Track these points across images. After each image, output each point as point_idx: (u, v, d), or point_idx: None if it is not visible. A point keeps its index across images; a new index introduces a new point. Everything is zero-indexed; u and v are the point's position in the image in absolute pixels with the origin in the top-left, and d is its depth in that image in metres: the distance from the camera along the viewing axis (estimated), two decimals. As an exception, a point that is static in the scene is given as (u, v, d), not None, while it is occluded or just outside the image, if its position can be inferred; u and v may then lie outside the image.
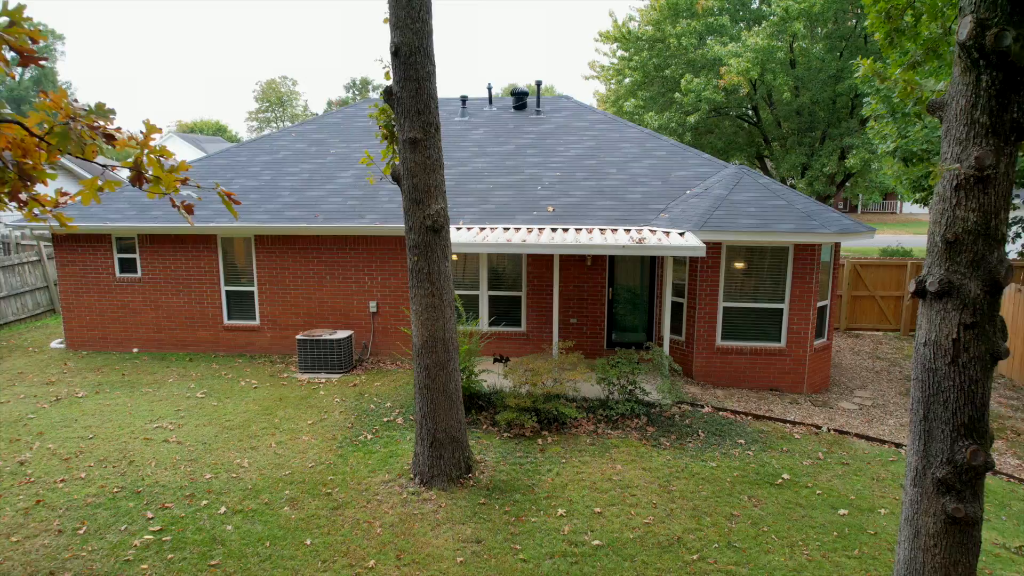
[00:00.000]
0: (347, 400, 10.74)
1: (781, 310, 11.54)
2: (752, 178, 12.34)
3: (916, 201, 13.30)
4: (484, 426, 9.59)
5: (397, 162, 7.62)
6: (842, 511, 7.42)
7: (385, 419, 9.90)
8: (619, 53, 27.24)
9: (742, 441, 9.27)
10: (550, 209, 12.38)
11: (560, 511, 7.25)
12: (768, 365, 11.64)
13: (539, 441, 9.08)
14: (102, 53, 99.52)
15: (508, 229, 11.32)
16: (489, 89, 16.74)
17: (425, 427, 7.77)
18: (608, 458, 8.60)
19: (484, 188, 13.33)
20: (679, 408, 10.25)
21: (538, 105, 16.33)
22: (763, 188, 12.02)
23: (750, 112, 26.69)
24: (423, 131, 7.15)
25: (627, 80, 27.21)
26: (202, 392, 11.10)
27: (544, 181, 13.41)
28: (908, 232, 39.11)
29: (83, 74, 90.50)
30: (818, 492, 7.87)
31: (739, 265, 11.50)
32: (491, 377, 10.84)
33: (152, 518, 7.02)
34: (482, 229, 11.39)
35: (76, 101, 4.29)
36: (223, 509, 7.23)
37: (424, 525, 6.94)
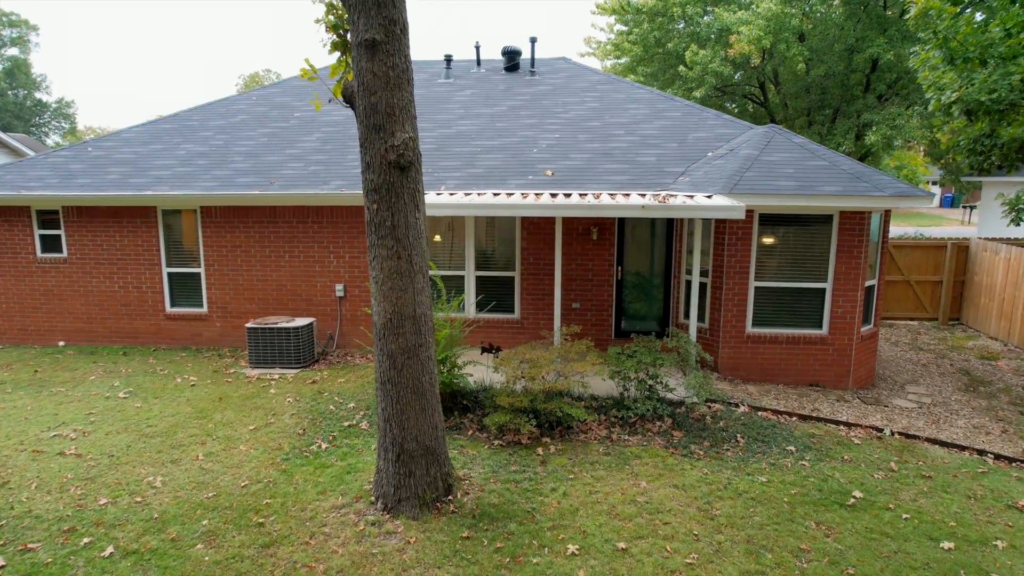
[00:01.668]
0: (302, 400, 8.79)
1: (823, 290, 9.71)
2: (785, 137, 10.51)
3: (972, 168, 11.59)
4: (469, 431, 7.67)
5: (351, 79, 5.71)
6: (945, 544, 5.57)
7: (346, 423, 7.96)
8: (617, 28, 25.40)
9: (792, 448, 7.41)
10: (548, 173, 10.49)
11: (571, 547, 5.35)
12: (807, 356, 9.80)
13: (539, 450, 7.19)
14: (83, 48, 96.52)
15: (499, 195, 9.42)
16: (477, 49, 14.84)
17: (389, 435, 5.85)
18: (628, 472, 6.71)
19: (470, 151, 11.42)
20: (709, 408, 8.38)
21: (532, 66, 14.43)
22: (800, 148, 10.18)
23: (757, 90, 24.93)
24: (384, 31, 5.23)
25: (624, 60, 25.38)
26: (126, 392, 9.11)
27: (540, 144, 11.51)
28: (911, 225, 37.48)
29: (61, 67, 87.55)
30: (904, 516, 6.02)
31: (773, 238, 9.66)
32: (478, 371, 8.94)
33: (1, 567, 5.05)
34: (467, 195, 9.48)
35: None
36: (109, 550, 5.27)
37: (385, 569, 5.03)
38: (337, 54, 5.95)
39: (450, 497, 6.07)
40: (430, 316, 5.87)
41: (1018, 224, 10.45)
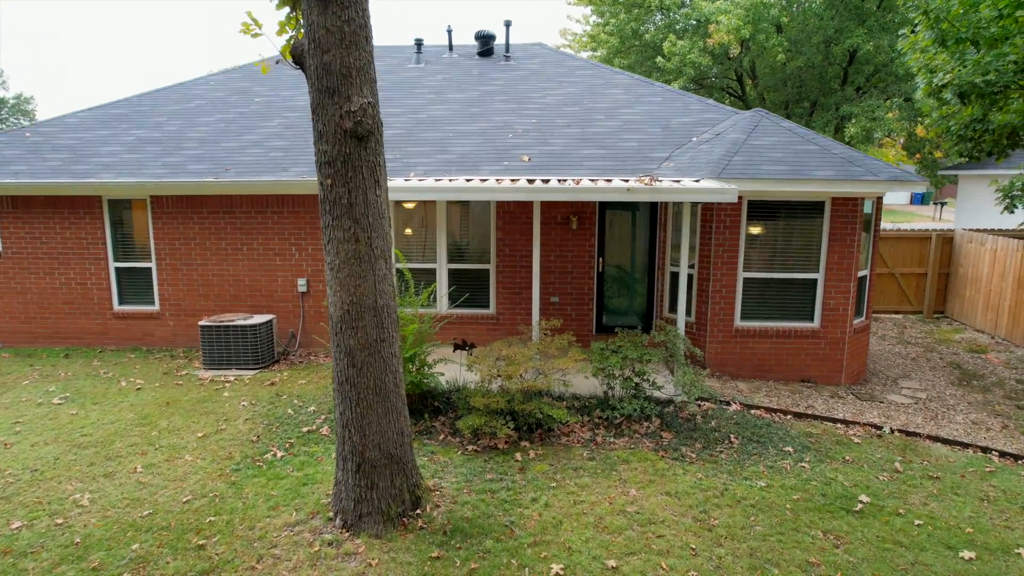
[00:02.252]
0: (258, 403, 8.04)
1: (814, 281, 9.23)
2: (772, 121, 10.02)
3: (961, 155, 11.24)
4: (441, 436, 7.01)
5: (301, 38, 5.02)
6: (965, 554, 5.06)
7: (305, 428, 7.24)
8: (593, 19, 24.89)
9: (790, 449, 6.88)
10: (525, 159, 9.86)
11: (555, 567, 4.72)
12: (798, 350, 9.32)
13: (517, 456, 6.55)
14: (49, 44, 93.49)
15: (472, 180, 8.77)
16: (449, 33, 14.15)
17: (349, 442, 5.17)
18: (616, 478, 6.11)
19: (442, 137, 10.74)
20: (699, 406, 7.83)
21: (507, 50, 13.79)
22: (788, 132, 9.70)
23: (735, 83, 24.61)
24: (337, -21, 4.55)
25: (600, 52, 24.86)
26: (61, 397, 8.27)
27: (516, 129, 10.88)
28: (884, 220, 37.62)
29: (22, 62, 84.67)
30: (917, 523, 5.51)
31: (762, 226, 9.16)
32: (451, 369, 8.28)
33: None
34: (438, 180, 8.81)
35: None
36: (17, 582, 4.51)
37: (342, 599, 4.35)
38: (286, 10, 5.25)
39: (418, 511, 5.41)
40: (394, 308, 5.21)
41: (1011, 211, 10.10)
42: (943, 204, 42.07)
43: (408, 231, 10.16)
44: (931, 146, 21.43)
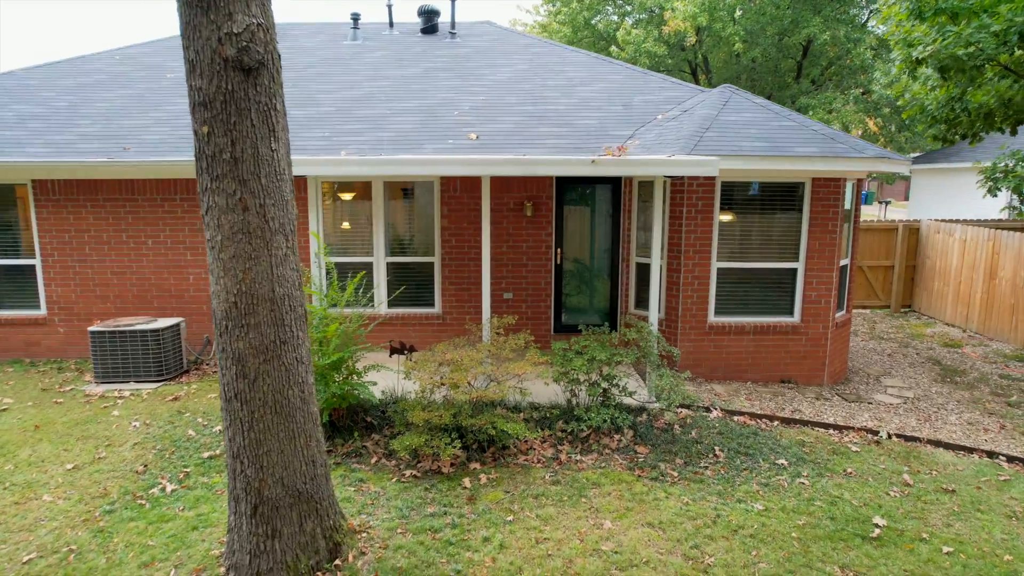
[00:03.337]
0: (154, 424, 6.66)
1: (794, 271, 8.38)
2: (743, 97, 9.16)
3: (935, 138, 10.63)
4: (374, 458, 5.80)
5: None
6: (1013, 589, 4.16)
7: (207, 453, 5.92)
8: (544, 8, 23.98)
9: (783, 462, 5.93)
10: (472, 137, 8.72)
11: (514, 635, 3.59)
12: (777, 348, 8.45)
13: (466, 481, 5.39)
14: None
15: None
16: (389, 8, 12.91)
17: (241, 477, 3.93)
18: (586, 507, 5.02)
19: (378, 114, 9.51)
20: (676, 414, 6.82)
21: (453, 27, 12.64)
22: (762, 108, 8.85)
23: (689, 76, 24.05)
24: None
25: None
26: (-98, 421, 6.71)
27: (463, 106, 9.74)
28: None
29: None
30: (946, 550, 4.60)
31: (738, 211, 8.26)
32: (388, 378, 7.08)
33: None
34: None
35: None
36: None
37: None
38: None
39: (337, 561, 4.20)
40: (300, 299, 4.00)
41: (995, 195, 9.50)
42: (887, 203, 42.77)
43: (346, 224, 8.90)
44: (884, 139, 21.25)
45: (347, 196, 8.85)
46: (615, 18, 22.15)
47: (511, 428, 5.51)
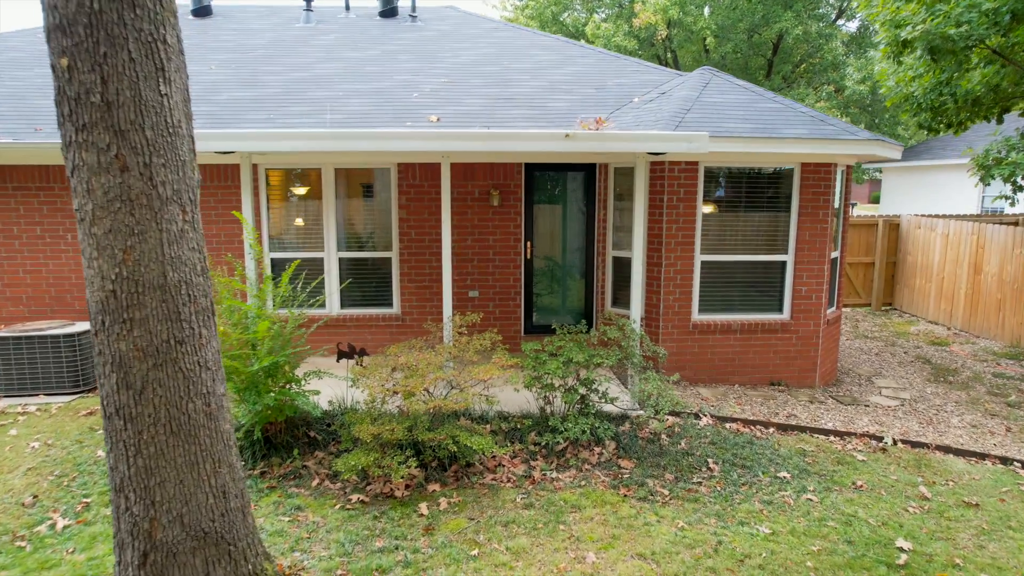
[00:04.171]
0: (57, 444, 5.69)
1: (783, 264, 7.76)
2: (725, 79, 8.54)
3: (920, 127, 10.19)
4: (315, 480, 4.94)
5: None
6: (1074, 627, 3.50)
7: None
8: (511, 2, 23.31)
9: (785, 475, 5.24)
10: (433, 119, 7.92)
11: None
12: (765, 347, 7.81)
13: (423, 508, 4.56)
14: None
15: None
16: (345, -12, 12.07)
17: (127, 517, 3.06)
18: (565, 535, 4.24)
19: (330, 96, 8.65)
20: (663, 422, 6.09)
21: (413, 10, 11.84)
22: (746, 90, 8.24)
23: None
24: None
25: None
26: None
27: (423, 88, 8.93)
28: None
29: None
30: (984, 577, 3.94)
31: (722, 199, 7.62)
32: (335, 386, 6.22)
33: None
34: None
35: None
36: None
37: None
38: None
39: (257, 618, 3.35)
40: (205, 288, 3.15)
41: (987, 184, 9.04)
42: (854, 205, 43.18)
43: (288, 210, 8.01)
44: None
45: (295, 184, 7.97)
46: (583, 14, 21.59)
47: (476, 443, 4.71)
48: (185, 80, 3.04)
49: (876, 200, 22.73)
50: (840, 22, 20.93)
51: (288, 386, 5.13)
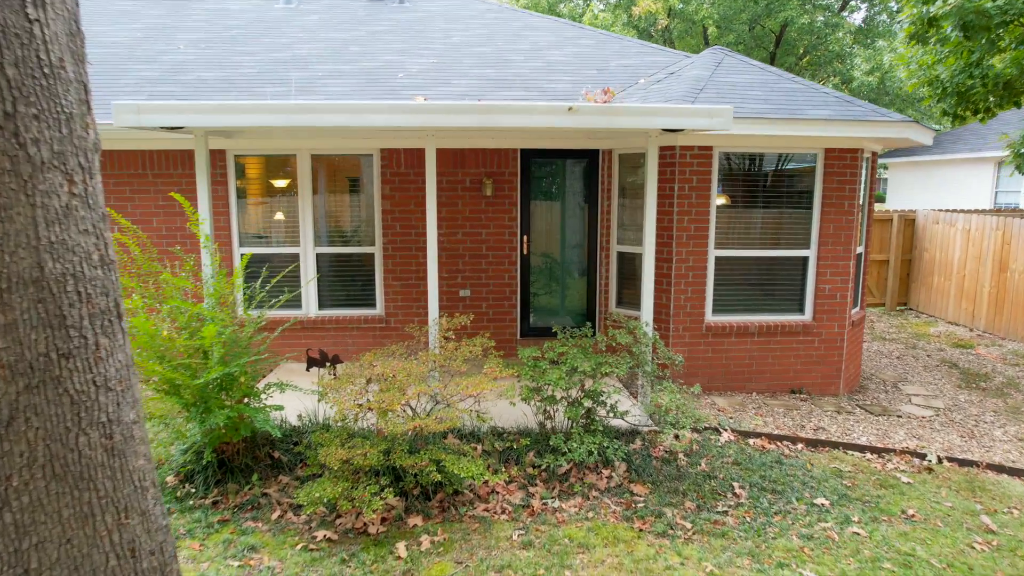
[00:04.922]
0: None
1: (804, 260, 7.06)
2: (738, 59, 7.84)
3: (944, 114, 9.52)
4: (276, 512, 4.19)
5: None
6: None
7: (39, 512, 4.23)
8: (505, -7, 22.57)
9: (823, 501, 4.52)
10: (420, 99, 7.18)
11: None
12: (786, 351, 7.10)
13: (400, 547, 3.82)
14: None
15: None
16: (328, -31, 11.30)
17: (-6, 588, 2.31)
18: (571, 585, 3.51)
19: (310, 76, 7.91)
20: (677, 438, 5.37)
21: (402, -9, 11.11)
22: (761, 70, 7.53)
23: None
24: None
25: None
26: None
27: (410, 69, 8.19)
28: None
29: None
30: (1082, 637, 3.22)
31: (738, 188, 6.91)
32: (301, 399, 5.47)
33: None
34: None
35: None
36: None
37: None
38: None
39: None
40: (105, 284, 2.40)
41: (1023, 172, 8.37)
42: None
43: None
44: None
45: (268, 174, 7.23)
46: (581, 3, 20.89)
47: (465, 470, 3.97)
48: (73, 7, 2.30)
49: (880, 199, 22.06)
50: (844, 14, 20.29)
51: (246, 400, 4.39)
